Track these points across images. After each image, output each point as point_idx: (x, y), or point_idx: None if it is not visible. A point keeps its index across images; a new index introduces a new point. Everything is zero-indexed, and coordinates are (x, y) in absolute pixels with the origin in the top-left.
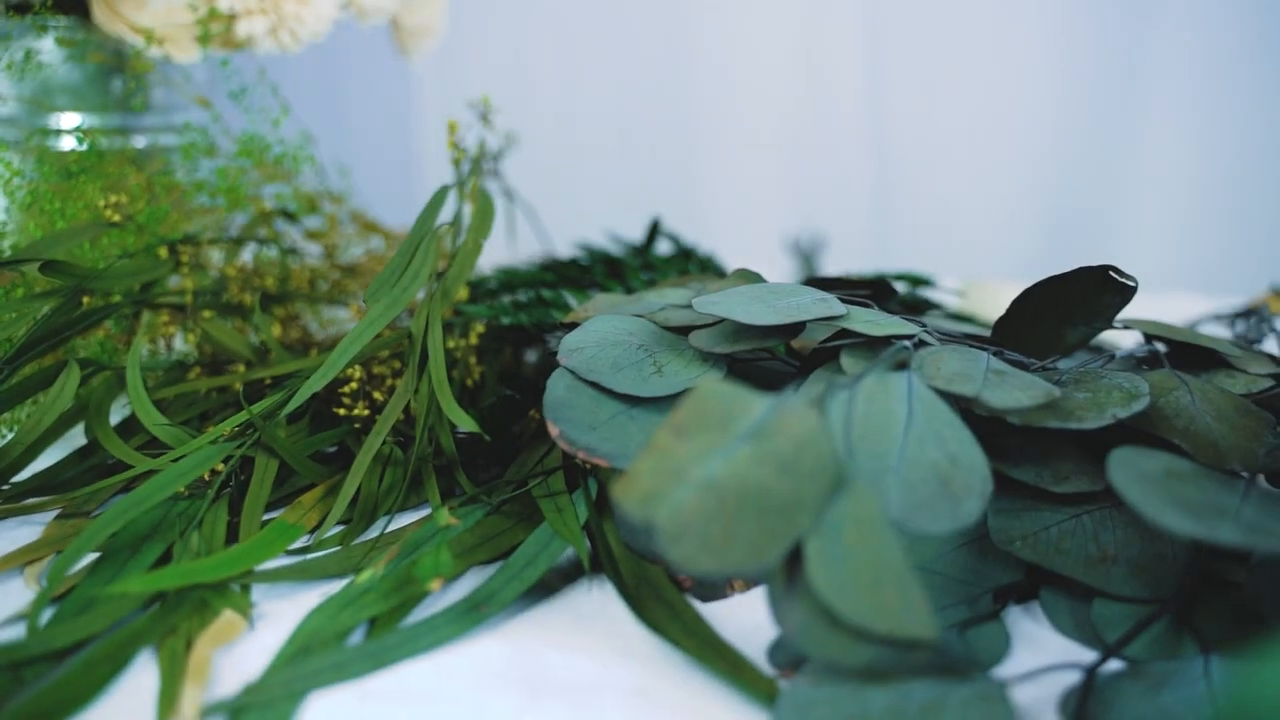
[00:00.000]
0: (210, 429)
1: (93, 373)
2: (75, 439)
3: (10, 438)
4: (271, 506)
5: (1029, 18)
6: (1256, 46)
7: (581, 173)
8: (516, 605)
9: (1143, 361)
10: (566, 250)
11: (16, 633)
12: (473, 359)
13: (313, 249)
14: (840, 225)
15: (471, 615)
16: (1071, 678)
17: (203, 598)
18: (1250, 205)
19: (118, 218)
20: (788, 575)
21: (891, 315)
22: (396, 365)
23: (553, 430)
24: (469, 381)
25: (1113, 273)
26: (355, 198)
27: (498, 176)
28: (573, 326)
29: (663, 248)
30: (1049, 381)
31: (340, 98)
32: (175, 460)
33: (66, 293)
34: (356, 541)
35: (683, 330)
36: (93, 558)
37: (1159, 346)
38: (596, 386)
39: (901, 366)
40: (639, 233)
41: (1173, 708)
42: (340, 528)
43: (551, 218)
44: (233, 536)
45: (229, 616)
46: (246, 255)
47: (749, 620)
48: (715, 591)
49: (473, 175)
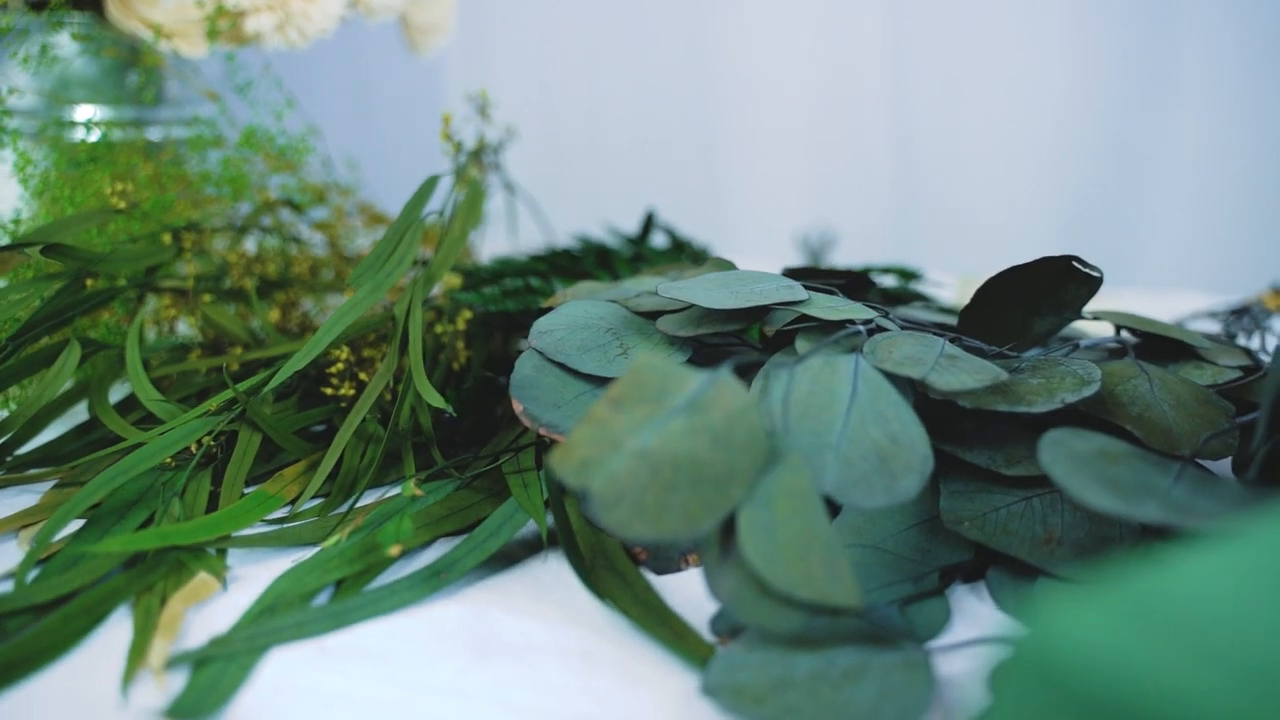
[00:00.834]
0: (201, 405)
1: (93, 352)
2: (79, 416)
3: (13, 410)
4: (257, 480)
5: (1051, 16)
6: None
7: (605, 169)
8: (477, 573)
9: (1113, 352)
10: (569, 242)
11: (5, 588)
12: (460, 344)
13: (320, 239)
14: (862, 222)
15: (431, 581)
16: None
17: (179, 559)
18: (1274, 206)
19: (123, 205)
20: (722, 545)
21: (853, 302)
22: (385, 349)
23: (517, 407)
24: (455, 365)
25: (1076, 263)
26: (371, 190)
27: (499, 169)
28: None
29: (659, 240)
30: (1007, 368)
31: (369, 93)
32: (165, 434)
33: (70, 275)
34: (334, 514)
35: (653, 315)
36: (82, 523)
37: (1128, 337)
38: (563, 367)
39: (857, 350)
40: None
41: None
42: (320, 500)
43: (574, 213)
44: (214, 506)
45: (203, 577)
46: (252, 244)
47: (700, 592)
48: (670, 565)
49: (470, 167)
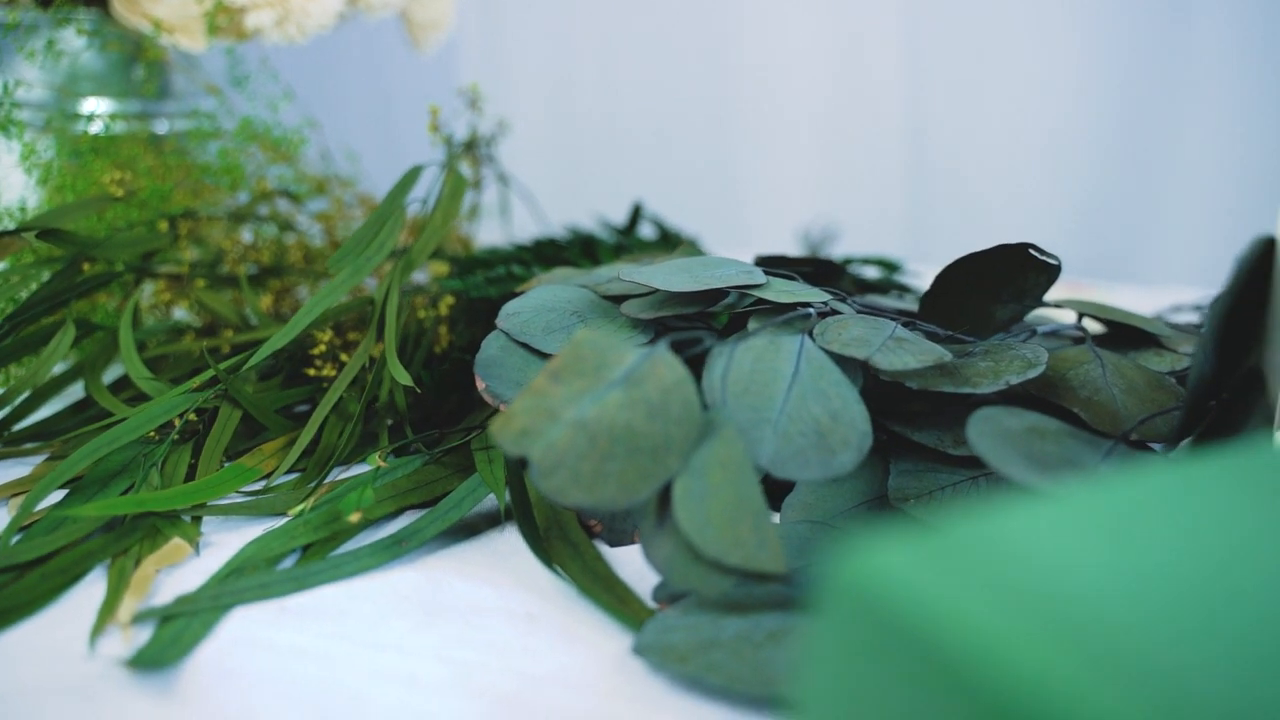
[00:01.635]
0: (186, 383)
1: (87, 333)
2: (77, 395)
3: (8, 386)
4: (240, 455)
5: (1065, 9)
6: None
7: (619, 161)
8: (438, 543)
9: (1077, 340)
10: (564, 234)
11: None
12: (444, 328)
13: (320, 230)
14: (875, 214)
15: (392, 549)
16: None
17: (155, 525)
18: None
19: (120, 193)
20: (658, 513)
21: (812, 288)
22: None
23: (480, 385)
24: (437, 349)
25: (1033, 250)
26: (382, 182)
27: (493, 161)
28: None
29: (646, 231)
30: (960, 352)
31: (387, 86)
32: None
33: (67, 259)
34: (308, 487)
35: (619, 300)
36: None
37: (1095, 326)
38: (527, 348)
39: (807, 331)
40: (676, 220)
41: None
42: (297, 475)
43: (588, 205)
44: (193, 478)
45: (176, 542)
46: (250, 233)
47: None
48: (623, 537)
49: (461, 158)
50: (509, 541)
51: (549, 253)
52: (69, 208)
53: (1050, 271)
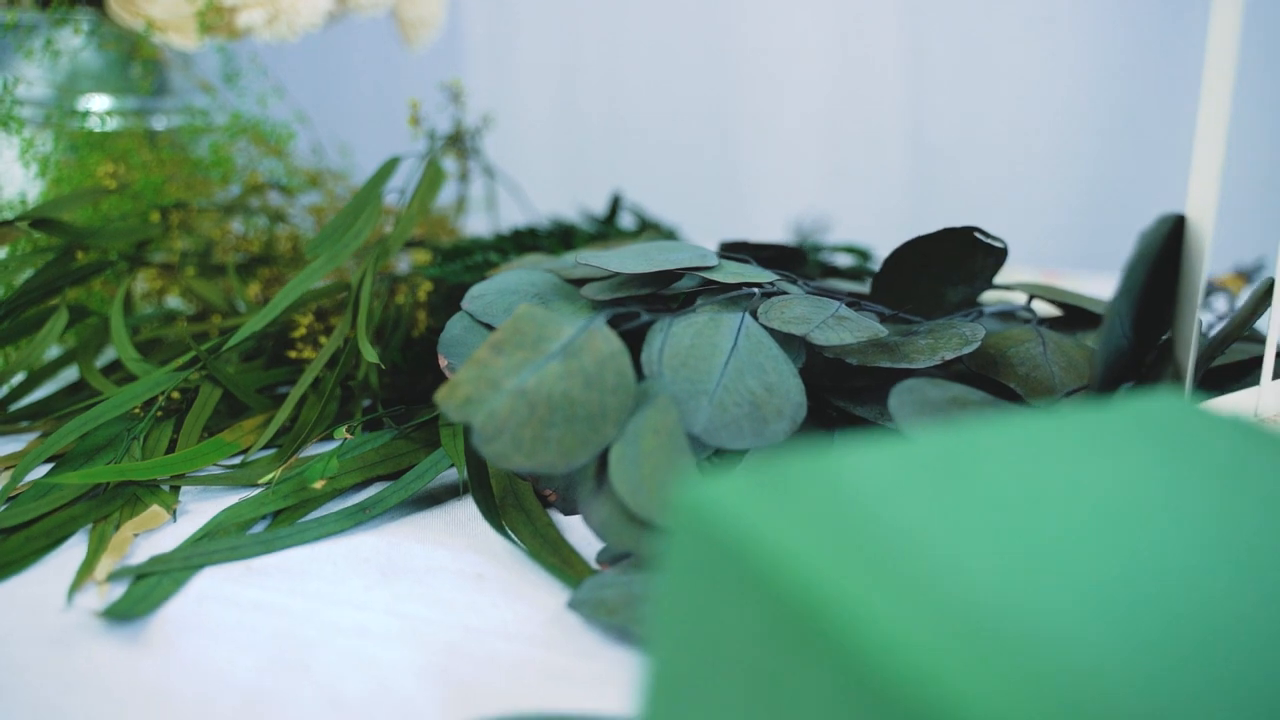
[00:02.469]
0: (170, 363)
1: (80, 318)
2: (71, 378)
3: (4, 368)
4: (220, 431)
5: (1067, 6)
6: None
7: (624, 154)
8: (401, 511)
9: (1043, 322)
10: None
11: None
12: (422, 313)
13: (311, 221)
14: (878, 208)
15: (356, 515)
16: None
17: (135, 493)
18: None
19: (114, 185)
20: (596, 478)
21: (763, 270)
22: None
23: (442, 362)
24: (415, 333)
25: (978, 234)
26: (364, 175)
27: (478, 154)
28: None
29: (627, 221)
30: (905, 331)
31: (395, 79)
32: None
33: (60, 248)
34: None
35: (581, 283)
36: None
37: (1049, 308)
38: (490, 328)
39: (750, 309)
40: (679, 213)
41: None
42: (274, 450)
43: (592, 198)
44: (174, 452)
45: (154, 509)
46: (241, 224)
47: None
48: (576, 506)
49: (446, 151)
50: (467, 510)
51: (528, 242)
52: (64, 199)
53: (998, 254)
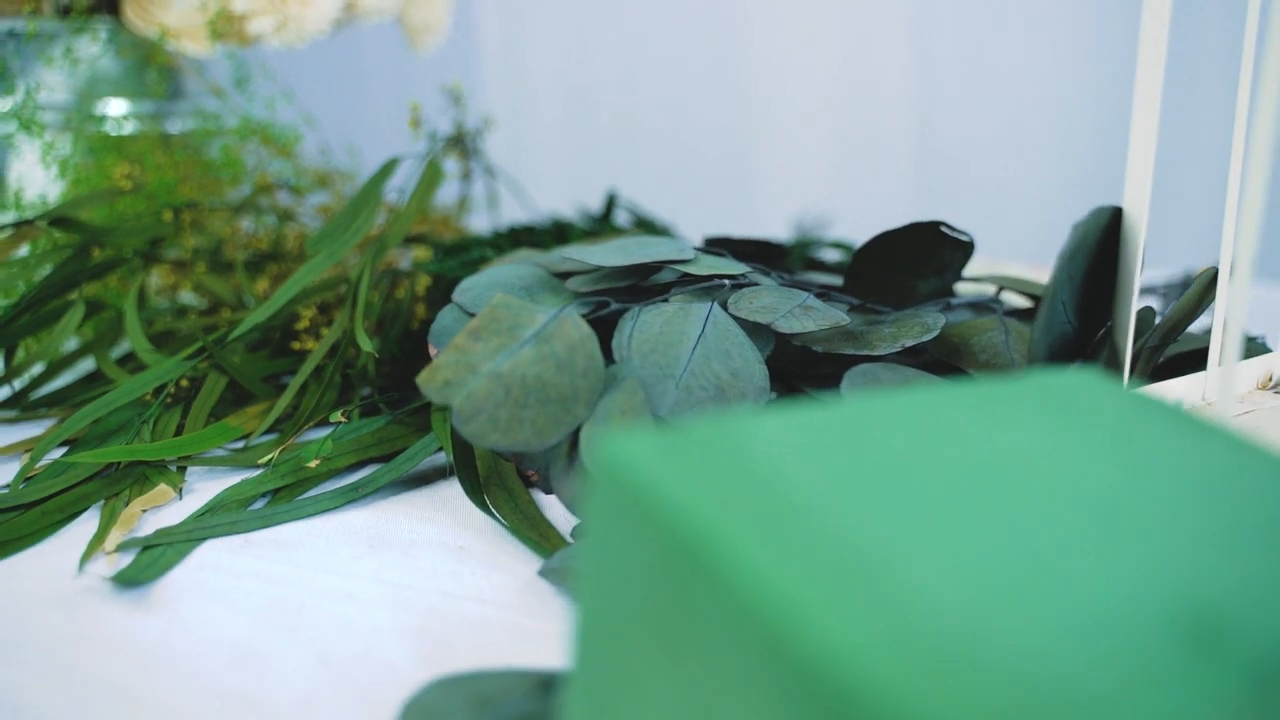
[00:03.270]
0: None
1: (96, 312)
2: (89, 369)
3: (22, 357)
4: (225, 417)
5: (1076, 3)
6: None
7: (635, 152)
8: (391, 490)
9: (1011, 313)
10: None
11: (3, 492)
12: (421, 306)
13: (320, 220)
14: (887, 206)
15: (349, 493)
16: None
17: (144, 473)
18: None
19: (129, 186)
20: (569, 456)
21: (737, 263)
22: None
23: (431, 351)
24: (413, 325)
25: (945, 228)
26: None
27: (479, 155)
28: None
29: (623, 219)
30: (873, 321)
31: (411, 79)
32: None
33: (78, 245)
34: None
35: (567, 276)
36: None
37: (1018, 299)
38: None
39: (720, 300)
40: (693, 214)
41: None
42: (277, 435)
43: (602, 192)
44: (181, 435)
45: (162, 487)
46: (251, 223)
47: None
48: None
49: (448, 152)
50: (454, 489)
51: (524, 239)
52: (82, 199)
53: (965, 248)
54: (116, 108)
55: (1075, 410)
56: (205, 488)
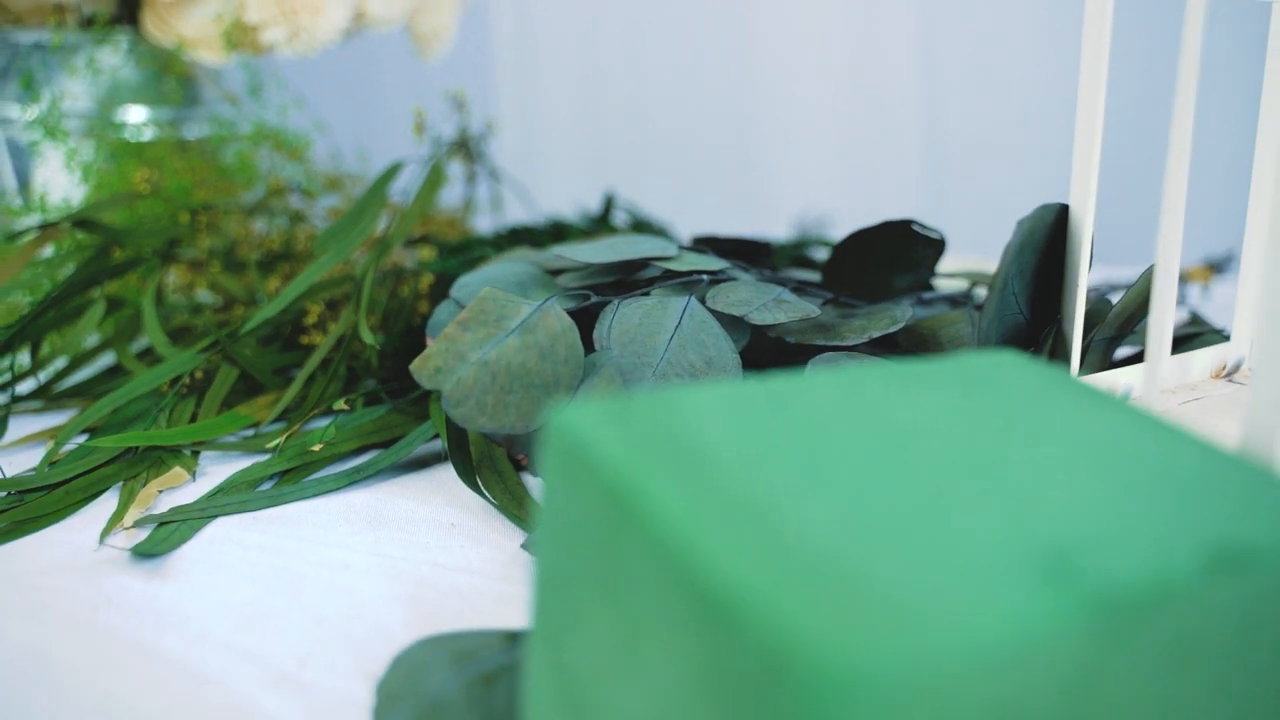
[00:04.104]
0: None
1: (117, 308)
2: (109, 363)
3: (47, 351)
4: (236, 406)
5: (1079, 2)
6: None
7: (645, 154)
8: (391, 473)
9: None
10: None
11: (30, 473)
12: (424, 303)
13: (329, 221)
14: (895, 204)
15: (350, 475)
16: None
17: (160, 457)
18: None
19: (148, 189)
20: None
21: (718, 259)
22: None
23: (429, 343)
24: (415, 321)
25: (916, 227)
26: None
27: (483, 158)
28: None
29: (621, 219)
30: (846, 314)
31: (425, 84)
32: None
33: (98, 246)
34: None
35: (559, 273)
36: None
37: (979, 290)
38: None
39: (698, 294)
40: (702, 213)
41: None
42: (285, 423)
43: (618, 193)
44: (195, 423)
45: (177, 470)
46: (264, 224)
47: None
48: None
49: (453, 156)
50: (449, 473)
51: (523, 239)
52: (103, 202)
53: (936, 245)
54: (136, 115)
55: (988, 385)
56: (217, 471)
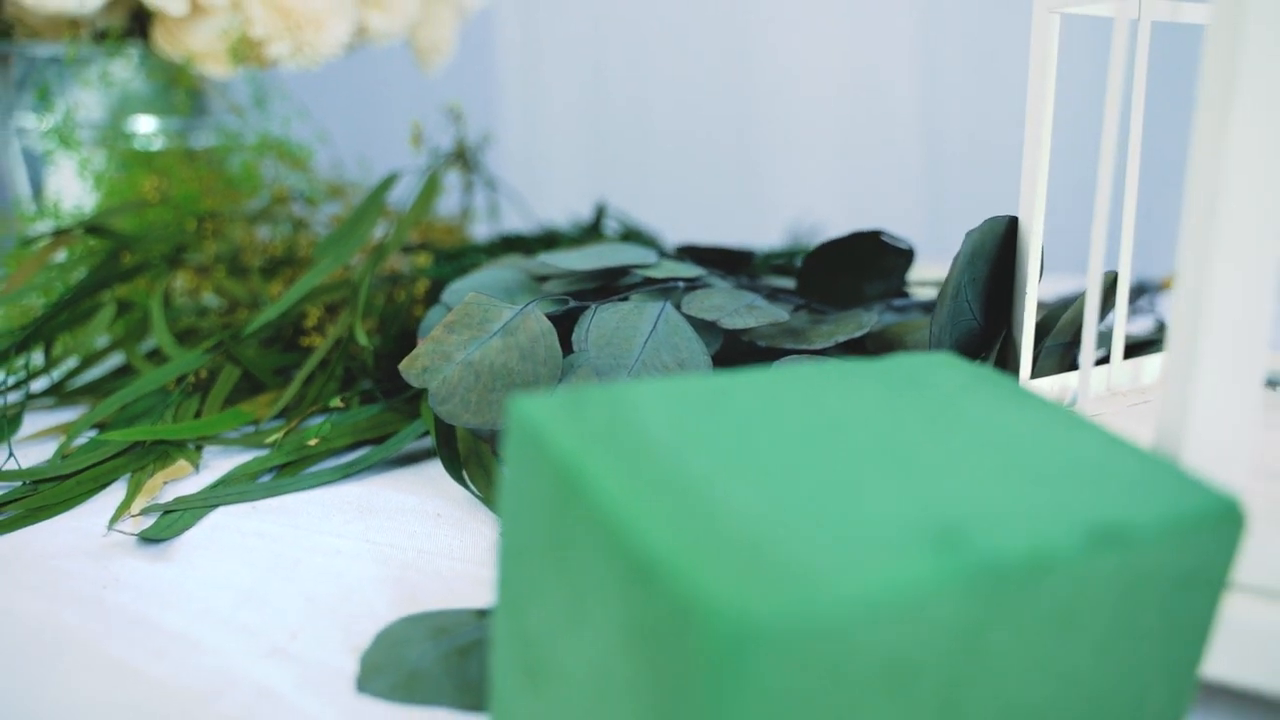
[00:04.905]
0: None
1: (126, 311)
2: (119, 364)
3: (59, 351)
4: (238, 404)
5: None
6: None
7: (647, 162)
8: (382, 467)
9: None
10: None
11: (43, 465)
12: (419, 308)
13: (331, 228)
14: (894, 210)
15: (344, 469)
16: None
17: (166, 450)
18: None
19: (156, 197)
20: None
21: (696, 267)
22: None
23: (420, 346)
24: (411, 324)
25: (884, 237)
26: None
27: (480, 168)
28: None
29: (613, 228)
30: (816, 320)
31: (429, 89)
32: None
33: (109, 251)
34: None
35: (546, 279)
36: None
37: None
38: None
39: (674, 300)
40: (703, 218)
41: None
42: (284, 421)
43: (618, 197)
44: (199, 419)
45: (181, 463)
46: (268, 231)
47: None
48: None
49: (450, 166)
50: (437, 468)
51: (516, 246)
52: (114, 209)
53: (906, 255)
54: (146, 125)
55: (917, 382)
56: (219, 464)
